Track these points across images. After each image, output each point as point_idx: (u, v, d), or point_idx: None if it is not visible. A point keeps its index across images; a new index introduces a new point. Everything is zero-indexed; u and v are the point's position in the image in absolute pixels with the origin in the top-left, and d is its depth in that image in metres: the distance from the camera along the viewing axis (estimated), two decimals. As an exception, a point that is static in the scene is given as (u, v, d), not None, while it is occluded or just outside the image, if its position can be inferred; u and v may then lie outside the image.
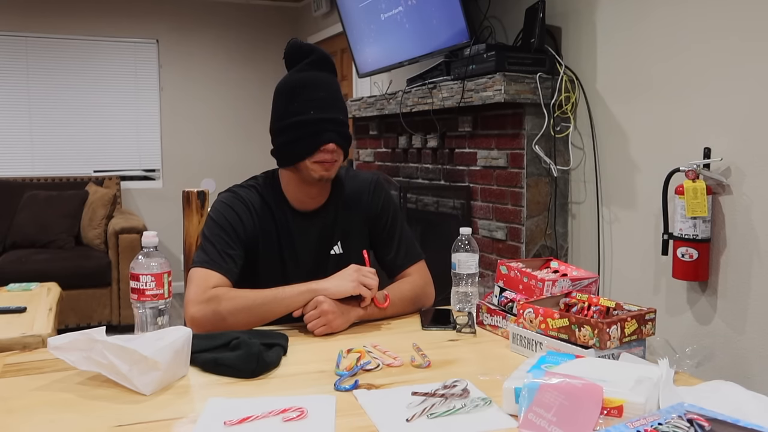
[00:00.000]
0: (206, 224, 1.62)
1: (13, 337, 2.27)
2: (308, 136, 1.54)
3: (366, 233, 1.72)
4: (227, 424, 0.98)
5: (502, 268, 1.55)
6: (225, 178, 5.01)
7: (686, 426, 0.85)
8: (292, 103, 1.57)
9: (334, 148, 1.55)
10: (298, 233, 1.64)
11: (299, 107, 1.55)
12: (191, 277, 1.51)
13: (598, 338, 1.18)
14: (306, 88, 1.56)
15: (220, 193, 1.66)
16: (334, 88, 1.60)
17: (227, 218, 1.58)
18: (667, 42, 2.38)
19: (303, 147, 1.55)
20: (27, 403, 1.08)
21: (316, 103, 1.55)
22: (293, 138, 1.56)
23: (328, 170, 1.58)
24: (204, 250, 1.55)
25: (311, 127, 1.54)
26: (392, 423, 1.00)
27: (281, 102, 1.60)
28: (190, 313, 1.45)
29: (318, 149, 1.54)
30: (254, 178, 1.69)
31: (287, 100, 1.58)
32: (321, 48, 1.62)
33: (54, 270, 4.19)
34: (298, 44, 1.61)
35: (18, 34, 5.25)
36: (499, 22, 3.20)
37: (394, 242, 1.72)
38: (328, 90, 1.58)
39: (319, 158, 1.55)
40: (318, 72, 1.59)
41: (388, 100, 3.59)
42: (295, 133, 1.55)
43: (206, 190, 1.77)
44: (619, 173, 2.58)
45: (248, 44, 5.90)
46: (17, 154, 5.31)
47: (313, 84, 1.57)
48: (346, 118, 1.62)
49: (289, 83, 1.59)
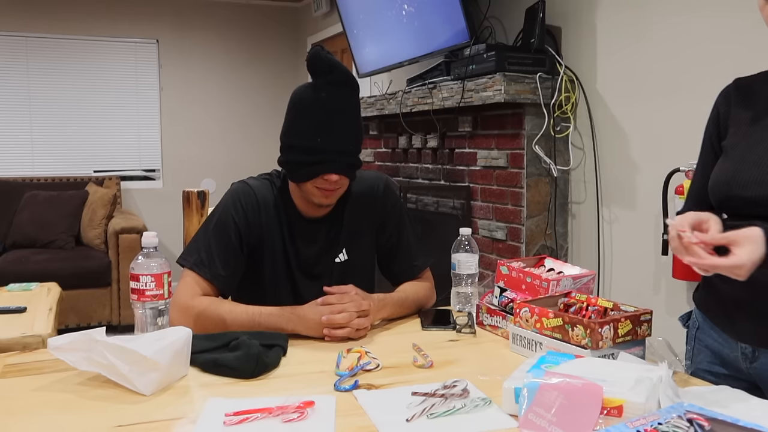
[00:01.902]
0: (211, 214, 1.58)
1: (13, 337, 2.27)
2: (310, 164, 1.49)
3: (373, 239, 1.69)
4: (227, 425, 0.98)
5: (502, 268, 1.55)
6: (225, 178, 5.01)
7: (686, 426, 0.85)
8: (301, 122, 1.50)
9: (337, 178, 1.50)
10: (304, 240, 1.62)
11: (307, 131, 1.49)
12: (181, 277, 1.50)
13: (590, 338, 1.18)
14: (317, 110, 1.48)
15: (233, 183, 1.63)
16: (350, 113, 1.51)
17: (233, 217, 1.55)
18: (667, 42, 2.38)
19: (304, 173, 1.51)
20: (27, 403, 1.08)
21: (325, 129, 1.48)
22: (296, 160, 1.52)
23: (327, 197, 1.54)
24: (200, 247, 1.53)
25: (315, 155, 1.49)
26: (392, 423, 1.00)
27: (292, 115, 1.53)
28: (172, 316, 1.43)
29: (319, 176, 1.50)
30: (269, 173, 1.66)
31: (297, 116, 1.51)
32: (342, 65, 1.50)
33: (54, 270, 4.18)
34: (318, 56, 1.48)
35: (18, 34, 5.25)
36: (499, 22, 3.20)
37: (401, 252, 1.71)
38: (342, 116, 1.49)
39: (319, 184, 1.51)
40: (337, 94, 1.49)
41: (388, 100, 3.59)
42: (298, 157, 1.51)
43: (206, 190, 1.77)
44: (619, 173, 2.58)
45: (248, 44, 5.90)
46: (17, 154, 5.30)
47: (326, 108, 1.48)
48: (358, 143, 1.55)
49: (303, 99, 1.51)
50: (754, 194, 1.19)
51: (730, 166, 1.25)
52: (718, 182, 1.27)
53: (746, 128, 1.26)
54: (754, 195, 1.19)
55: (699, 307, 1.39)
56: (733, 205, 1.24)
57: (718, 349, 1.32)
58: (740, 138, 1.27)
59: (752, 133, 1.25)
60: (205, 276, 1.50)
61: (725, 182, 1.25)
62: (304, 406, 1.02)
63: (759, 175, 1.19)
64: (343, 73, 1.49)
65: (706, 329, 1.36)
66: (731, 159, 1.26)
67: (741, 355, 1.27)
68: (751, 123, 1.26)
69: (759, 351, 1.24)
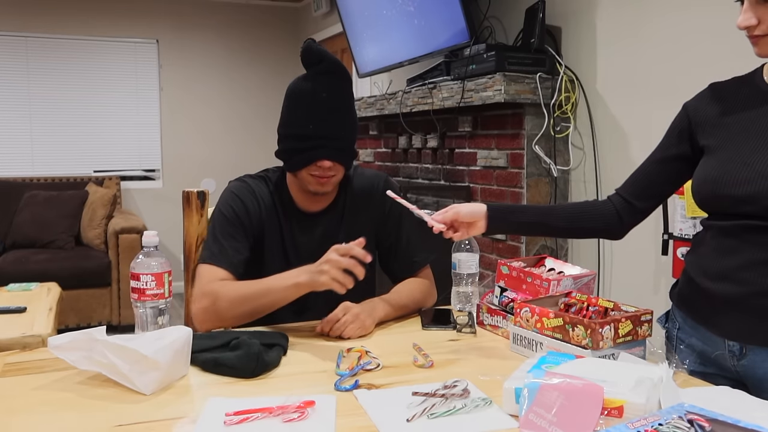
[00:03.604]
0: (213, 214, 1.63)
1: (13, 337, 2.27)
2: (304, 150, 1.53)
3: (373, 236, 1.69)
4: (227, 424, 0.98)
5: (503, 268, 1.55)
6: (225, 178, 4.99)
7: (686, 426, 0.85)
8: (294, 112, 1.55)
9: (330, 165, 1.54)
10: (302, 235, 1.64)
11: (300, 119, 1.54)
12: (197, 274, 1.54)
13: (590, 338, 1.18)
14: (309, 99, 1.53)
15: (230, 181, 1.67)
16: (341, 100, 1.55)
17: (233, 208, 1.59)
18: (667, 42, 2.38)
19: (298, 160, 1.55)
20: (27, 402, 1.08)
21: (317, 116, 1.52)
22: (290, 149, 1.56)
23: (322, 185, 1.57)
24: (209, 243, 1.57)
25: (308, 142, 1.53)
26: (392, 423, 1.00)
27: (286, 107, 1.58)
28: (192, 309, 1.49)
29: (312, 163, 1.54)
30: (266, 170, 1.70)
31: (291, 107, 1.56)
32: (332, 55, 1.56)
33: (54, 270, 4.19)
34: (309, 48, 1.54)
35: (18, 34, 5.24)
36: (499, 22, 3.20)
37: (401, 248, 1.71)
38: (333, 103, 1.54)
39: (313, 171, 1.55)
40: (327, 82, 1.53)
41: (388, 100, 3.59)
42: (293, 145, 1.56)
43: (206, 190, 1.77)
44: (619, 173, 2.58)
45: (248, 44, 5.90)
46: (17, 154, 5.30)
47: (317, 96, 1.52)
48: (351, 131, 1.58)
49: (296, 90, 1.56)
50: (743, 193, 1.22)
51: (717, 165, 1.28)
52: (706, 181, 1.30)
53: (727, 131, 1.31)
54: (741, 193, 1.22)
55: (679, 307, 1.40)
56: (720, 203, 1.28)
57: (701, 348, 1.33)
58: (723, 140, 1.30)
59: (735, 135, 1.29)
60: (219, 264, 1.52)
61: (713, 181, 1.27)
62: (304, 406, 1.02)
63: (748, 174, 1.22)
64: (332, 62, 1.54)
65: (687, 329, 1.37)
66: (718, 159, 1.29)
67: (728, 353, 1.28)
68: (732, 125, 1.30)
69: (747, 348, 1.25)
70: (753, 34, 1.22)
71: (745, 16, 1.21)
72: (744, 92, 1.33)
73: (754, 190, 1.20)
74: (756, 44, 1.24)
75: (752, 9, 1.20)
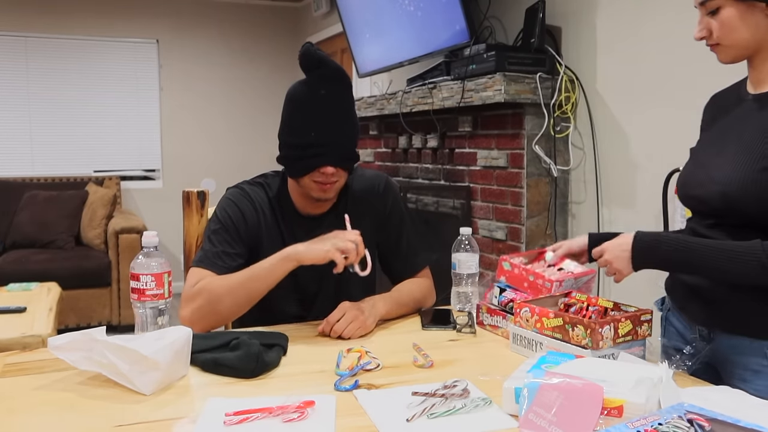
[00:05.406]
0: (210, 220, 1.62)
1: (13, 337, 2.27)
2: (306, 158, 1.52)
3: (373, 237, 1.68)
4: (227, 424, 0.98)
5: (504, 264, 1.55)
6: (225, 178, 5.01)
7: (686, 426, 0.85)
8: (295, 119, 1.54)
9: (333, 171, 1.53)
10: (304, 237, 1.62)
11: (301, 126, 1.52)
12: (186, 278, 1.53)
13: (590, 338, 1.18)
14: (310, 105, 1.52)
15: (228, 188, 1.66)
16: (341, 106, 1.54)
17: (230, 215, 1.58)
18: (667, 41, 2.38)
19: (300, 167, 1.54)
20: (27, 402, 1.08)
21: (318, 123, 1.51)
22: (292, 156, 1.55)
23: (325, 191, 1.56)
24: (203, 249, 1.56)
25: (310, 149, 1.51)
26: (392, 423, 1.00)
27: (287, 114, 1.56)
28: (183, 313, 1.46)
29: (315, 170, 1.53)
30: (263, 175, 1.69)
31: (291, 113, 1.55)
32: (332, 60, 1.54)
33: (54, 270, 4.19)
34: (308, 52, 1.52)
35: (18, 34, 5.24)
36: (499, 22, 3.20)
37: (401, 249, 1.71)
38: (334, 109, 1.52)
39: (316, 178, 1.54)
40: (327, 88, 1.52)
41: (388, 100, 3.59)
42: (295, 152, 1.54)
43: (206, 190, 1.77)
44: (619, 173, 2.58)
45: (248, 44, 5.90)
46: (17, 154, 5.30)
47: (317, 102, 1.51)
48: (353, 136, 1.57)
49: (296, 96, 1.54)
50: (697, 194, 1.34)
51: (685, 169, 1.42)
52: (678, 184, 1.44)
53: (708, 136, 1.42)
54: (696, 195, 1.34)
55: (668, 293, 1.51)
56: (688, 203, 1.41)
57: (682, 330, 1.43)
58: (701, 144, 1.43)
59: (704, 139, 1.43)
60: (209, 268, 1.51)
61: (681, 184, 1.42)
62: (304, 406, 1.02)
63: (702, 178, 1.33)
64: (332, 67, 1.53)
65: (674, 311, 1.48)
66: (689, 163, 1.43)
67: (699, 336, 1.37)
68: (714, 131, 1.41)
69: (714, 333, 1.34)
70: (708, 44, 1.33)
71: (698, 27, 1.32)
72: (732, 99, 1.41)
73: (704, 192, 1.31)
74: (715, 52, 1.35)
75: (703, 21, 1.31)
